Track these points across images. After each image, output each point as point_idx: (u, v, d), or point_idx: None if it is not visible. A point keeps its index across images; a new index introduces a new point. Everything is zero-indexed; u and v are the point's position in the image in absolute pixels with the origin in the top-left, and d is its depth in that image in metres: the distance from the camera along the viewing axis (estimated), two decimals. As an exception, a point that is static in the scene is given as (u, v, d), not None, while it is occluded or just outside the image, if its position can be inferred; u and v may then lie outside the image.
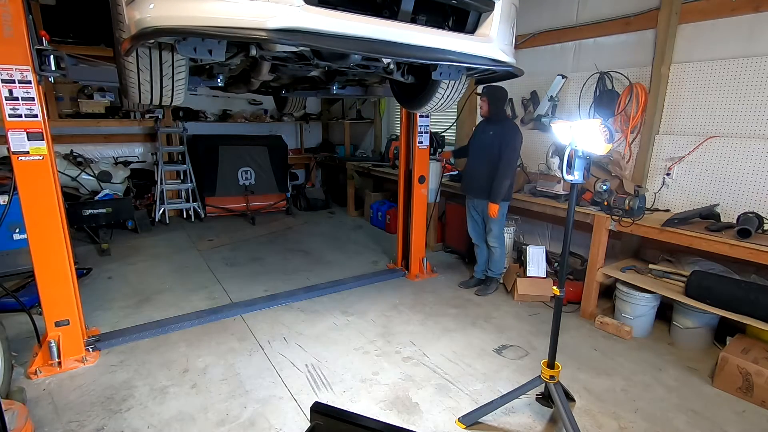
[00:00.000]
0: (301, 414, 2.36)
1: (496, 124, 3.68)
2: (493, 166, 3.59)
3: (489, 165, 3.63)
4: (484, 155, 3.69)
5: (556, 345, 2.24)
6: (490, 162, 3.62)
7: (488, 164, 3.63)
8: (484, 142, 3.71)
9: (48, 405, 2.39)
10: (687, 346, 3.10)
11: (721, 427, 2.33)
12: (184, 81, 2.07)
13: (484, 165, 3.67)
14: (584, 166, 2.04)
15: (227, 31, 1.44)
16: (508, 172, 3.56)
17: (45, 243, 2.56)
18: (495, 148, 3.59)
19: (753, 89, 3.02)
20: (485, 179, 3.66)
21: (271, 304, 3.62)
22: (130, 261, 4.62)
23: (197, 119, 6.78)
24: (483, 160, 3.69)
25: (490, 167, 3.62)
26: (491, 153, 3.62)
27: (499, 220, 3.76)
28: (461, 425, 2.30)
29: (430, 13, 1.98)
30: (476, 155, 3.79)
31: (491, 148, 3.62)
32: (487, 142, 3.68)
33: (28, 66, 2.35)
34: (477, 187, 3.78)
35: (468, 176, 3.93)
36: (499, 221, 3.77)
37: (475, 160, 3.81)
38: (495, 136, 3.63)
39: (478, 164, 3.75)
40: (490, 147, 3.63)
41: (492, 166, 3.60)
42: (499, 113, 3.70)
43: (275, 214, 6.75)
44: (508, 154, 3.55)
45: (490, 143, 3.64)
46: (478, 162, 3.76)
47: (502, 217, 3.78)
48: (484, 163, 3.68)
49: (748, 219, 2.81)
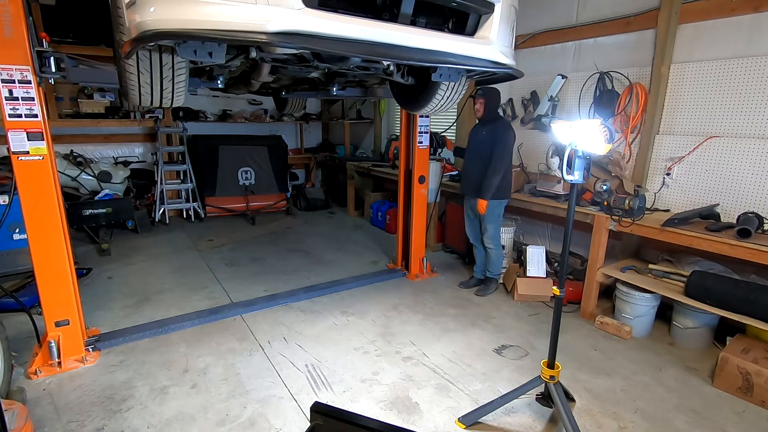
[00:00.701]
0: (301, 414, 2.37)
1: (490, 123, 3.70)
2: (487, 165, 3.62)
3: (482, 164, 3.66)
4: (477, 155, 3.73)
5: (556, 345, 2.24)
6: (484, 161, 3.65)
7: (482, 163, 3.67)
8: (478, 142, 3.75)
9: (48, 405, 2.39)
10: (687, 346, 3.10)
11: (721, 427, 2.34)
12: (184, 83, 2.07)
13: (478, 164, 3.70)
14: (584, 166, 2.04)
15: (227, 34, 1.44)
16: (498, 168, 3.57)
17: (45, 243, 2.57)
18: (487, 146, 3.64)
19: (753, 89, 3.02)
20: (479, 178, 3.68)
21: (271, 304, 3.62)
22: (130, 261, 4.63)
23: (197, 119, 6.78)
24: (477, 160, 3.72)
25: (484, 166, 3.64)
26: (484, 152, 3.65)
27: (494, 220, 3.78)
28: (461, 425, 2.30)
29: (430, 15, 1.99)
30: (471, 155, 3.84)
31: (484, 147, 3.67)
32: (480, 142, 3.72)
33: (28, 66, 2.35)
34: (472, 187, 3.79)
35: (464, 177, 3.98)
36: (494, 221, 3.78)
37: (470, 160, 3.85)
38: (488, 135, 3.67)
39: (473, 164, 3.78)
40: (483, 146, 3.68)
41: (485, 165, 3.63)
42: (493, 114, 3.72)
43: (275, 214, 6.75)
44: (500, 150, 3.57)
45: (483, 142, 3.69)
46: (472, 162, 3.80)
47: (498, 217, 3.80)
48: (478, 163, 3.71)
49: (748, 219, 2.81)
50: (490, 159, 3.60)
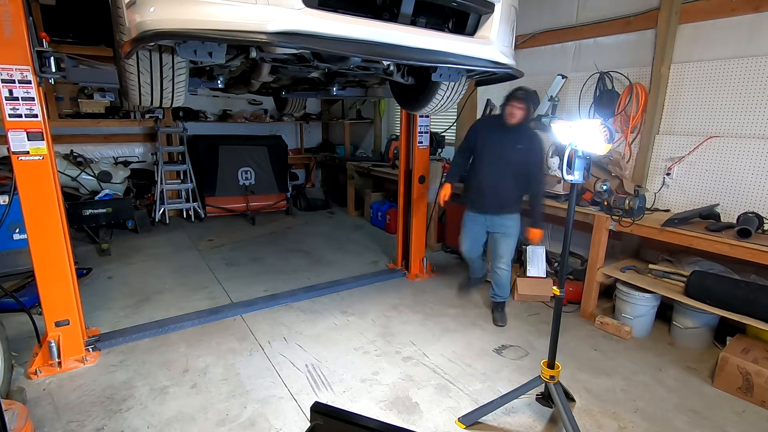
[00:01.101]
0: (301, 414, 2.37)
1: (524, 132, 3.15)
2: (519, 180, 3.17)
3: (513, 178, 3.17)
4: (505, 166, 3.16)
5: (556, 345, 2.24)
6: (515, 175, 3.16)
7: (512, 177, 3.16)
8: (507, 151, 3.14)
9: (48, 405, 2.39)
10: (687, 346, 3.10)
11: (721, 427, 2.34)
12: (184, 83, 2.07)
13: (508, 178, 3.17)
14: (584, 166, 2.04)
15: (227, 34, 1.44)
16: (543, 190, 3.26)
17: (45, 243, 2.57)
18: (521, 159, 3.13)
19: (753, 89, 3.02)
20: (509, 193, 3.20)
21: (271, 304, 3.62)
22: (130, 261, 4.63)
23: (197, 119, 6.78)
24: (506, 172, 3.16)
25: (515, 180, 3.17)
26: (516, 164, 3.14)
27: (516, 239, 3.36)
28: (461, 425, 2.30)
29: (430, 15, 1.99)
30: (496, 165, 3.19)
31: (516, 158, 3.13)
32: (510, 151, 3.13)
33: (28, 66, 2.35)
34: (497, 203, 3.22)
35: (483, 189, 3.25)
36: (515, 241, 3.36)
37: (493, 170, 3.20)
38: (522, 145, 3.12)
39: (499, 175, 3.18)
40: (515, 157, 3.13)
41: (517, 180, 3.17)
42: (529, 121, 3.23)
43: (275, 214, 6.75)
44: (540, 167, 3.21)
45: (515, 152, 3.12)
46: (497, 173, 3.18)
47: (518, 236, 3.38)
48: (507, 176, 3.17)
49: (748, 219, 2.81)
50: (525, 175, 3.15)
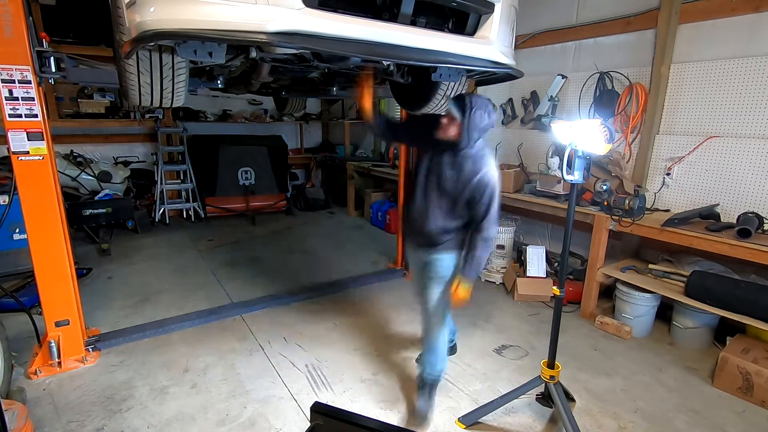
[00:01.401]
0: (301, 414, 2.37)
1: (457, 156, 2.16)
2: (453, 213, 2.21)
3: (446, 209, 2.22)
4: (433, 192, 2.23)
5: (556, 345, 2.24)
6: (449, 205, 2.21)
7: (446, 207, 2.22)
8: (443, 176, 2.19)
9: (48, 405, 2.39)
10: (687, 346, 3.10)
11: (721, 427, 2.34)
12: (184, 83, 2.07)
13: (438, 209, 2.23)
14: (584, 166, 2.04)
15: (227, 34, 1.43)
16: (491, 238, 2.19)
17: (45, 243, 2.57)
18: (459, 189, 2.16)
19: (753, 89, 3.02)
20: (437, 229, 2.24)
21: (271, 304, 3.62)
22: (130, 261, 4.63)
23: (197, 119, 6.78)
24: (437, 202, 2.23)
25: (447, 213, 2.22)
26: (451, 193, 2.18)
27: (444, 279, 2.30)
28: (461, 425, 2.31)
29: (430, 15, 1.98)
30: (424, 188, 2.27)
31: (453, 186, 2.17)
32: (447, 177, 2.18)
33: (28, 66, 2.35)
34: (422, 238, 2.31)
35: (411, 218, 2.34)
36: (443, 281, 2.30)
37: (421, 194, 2.28)
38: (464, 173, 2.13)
39: (427, 201, 2.26)
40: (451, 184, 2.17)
41: (450, 213, 2.22)
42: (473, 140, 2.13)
43: (275, 214, 6.75)
44: (490, 207, 2.12)
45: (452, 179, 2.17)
46: (425, 197, 2.27)
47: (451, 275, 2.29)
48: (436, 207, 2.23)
49: (748, 219, 2.81)
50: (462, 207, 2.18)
